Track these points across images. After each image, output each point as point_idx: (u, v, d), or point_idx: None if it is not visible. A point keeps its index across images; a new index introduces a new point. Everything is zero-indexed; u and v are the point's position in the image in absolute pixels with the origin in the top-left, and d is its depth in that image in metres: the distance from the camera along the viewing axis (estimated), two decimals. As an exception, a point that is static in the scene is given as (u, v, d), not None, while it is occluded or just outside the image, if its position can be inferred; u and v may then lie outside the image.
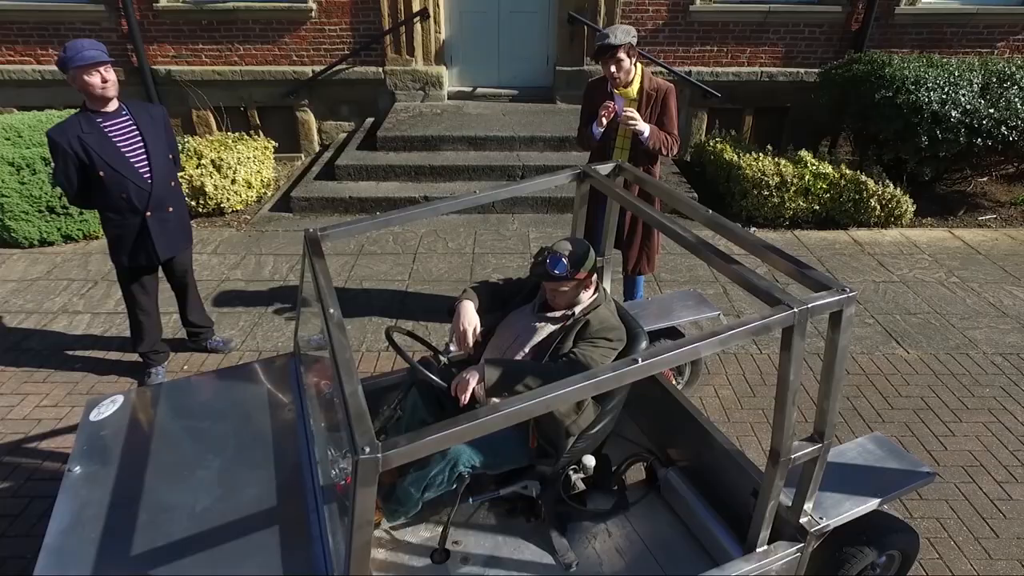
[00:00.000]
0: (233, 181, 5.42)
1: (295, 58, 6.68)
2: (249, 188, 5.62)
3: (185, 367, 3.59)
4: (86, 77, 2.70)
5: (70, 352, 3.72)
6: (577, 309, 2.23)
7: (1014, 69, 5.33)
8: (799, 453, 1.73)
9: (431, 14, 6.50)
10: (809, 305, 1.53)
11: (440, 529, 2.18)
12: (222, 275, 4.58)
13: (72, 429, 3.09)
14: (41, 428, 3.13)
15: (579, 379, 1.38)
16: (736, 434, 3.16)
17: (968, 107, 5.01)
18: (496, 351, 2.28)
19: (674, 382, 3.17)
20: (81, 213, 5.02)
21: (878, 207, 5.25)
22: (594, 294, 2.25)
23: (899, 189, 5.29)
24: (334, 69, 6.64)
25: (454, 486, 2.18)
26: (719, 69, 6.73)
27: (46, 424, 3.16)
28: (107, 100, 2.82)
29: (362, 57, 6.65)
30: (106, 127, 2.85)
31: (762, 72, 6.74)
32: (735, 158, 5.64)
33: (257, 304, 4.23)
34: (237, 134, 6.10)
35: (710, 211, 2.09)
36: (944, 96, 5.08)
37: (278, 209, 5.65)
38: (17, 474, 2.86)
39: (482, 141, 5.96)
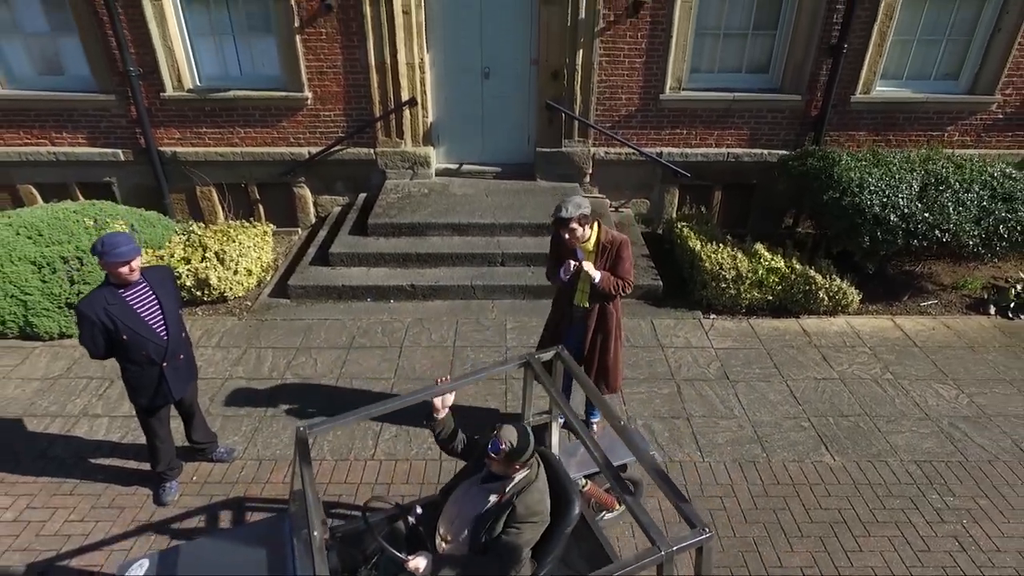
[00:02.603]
0: (235, 272, 5.90)
1: (292, 140, 7.16)
2: (250, 275, 6.10)
3: (194, 478, 4.07)
4: (120, 269, 3.20)
5: (92, 460, 4.20)
6: (514, 480, 2.69)
7: (950, 171, 5.82)
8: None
9: (419, 101, 6.97)
10: (675, 548, 2.01)
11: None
12: (225, 372, 5.07)
13: (97, 546, 3.58)
14: (71, 545, 3.62)
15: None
16: (673, 548, 3.64)
17: (906, 211, 5.49)
18: (447, 520, 2.76)
19: (619, 506, 3.64)
20: (96, 308, 5.51)
21: (826, 298, 5.74)
22: (526, 471, 2.71)
23: (845, 281, 5.78)
24: (329, 151, 7.12)
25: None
26: (688, 150, 7.21)
27: (75, 540, 3.65)
28: (133, 282, 3.32)
29: (355, 140, 7.13)
30: (127, 297, 3.34)
31: (729, 153, 7.22)
32: (698, 246, 6.12)
33: (258, 405, 4.71)
34: (239, 222, 6.58)
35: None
36: (885, 199, 5.56)
37: (277, 295, 6.13)
38: (52, 593, 3.35)
39: (465, 227, 6.44)
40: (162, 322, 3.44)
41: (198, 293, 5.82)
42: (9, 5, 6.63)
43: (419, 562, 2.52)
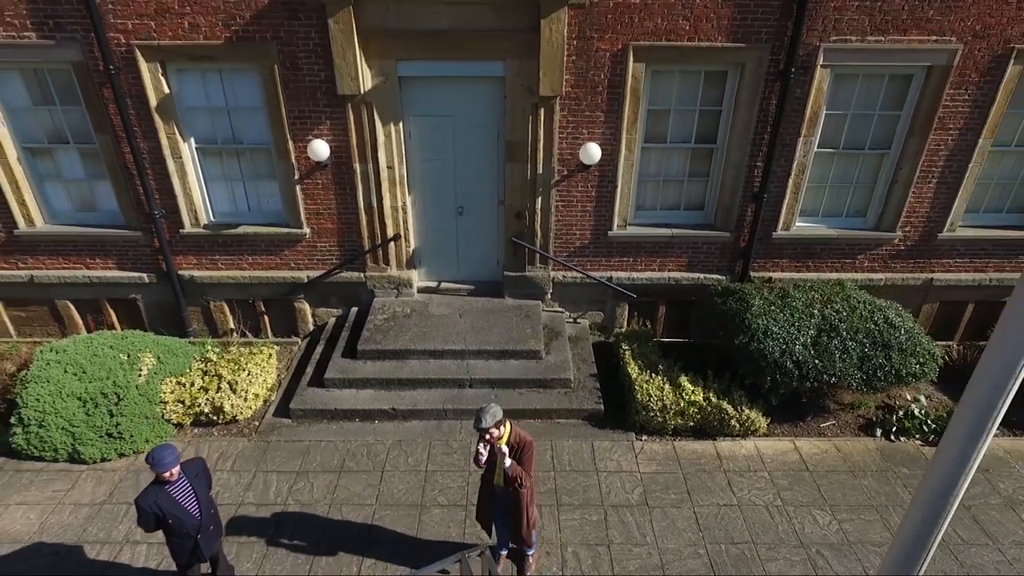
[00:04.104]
0: (245, 399, 7.06)
1: (293, 266, 8.32)
2: (257, 398, 7.26)
3: (216, 604, 5.23)
4: (165, 474, 4.37)
5: (136, 587, 5.37)
6: None
7: (841, 318, 6.96)
8: None
9: (402, 235, 8.13)
10: None
11: None
12: (238, 498, 6.23)
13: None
14: (125, 667, 4.78)
15: None
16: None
17: (799, 358, 6.65)
18: None
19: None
20: (132, 436, 6.67)
21: (737, 425, 6.89)
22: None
23: (755, 410, 6.93)
24: (325, 275, 8.28)
25: None
26: (635, 274, 8.37)
27: (128, 663, 4.81)
28: (175, 480, 4.49)
29: (347, 266, 8.29)
30: (172, 492, 4.50)
31: (670, 277, 8.37)
32: (635, 373, 7.27)
33: (265, 532, 5.87)
34: (247, 349, 7.72)
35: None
36: (784, 347, 6.72)
37: (280, 414, 7.29)
38: None
39: (440, 353, 7.59)
40: (197, 507, 4.60)
41: (214, 418, 6.99)
42: (53, 157, 7.78)
43: None
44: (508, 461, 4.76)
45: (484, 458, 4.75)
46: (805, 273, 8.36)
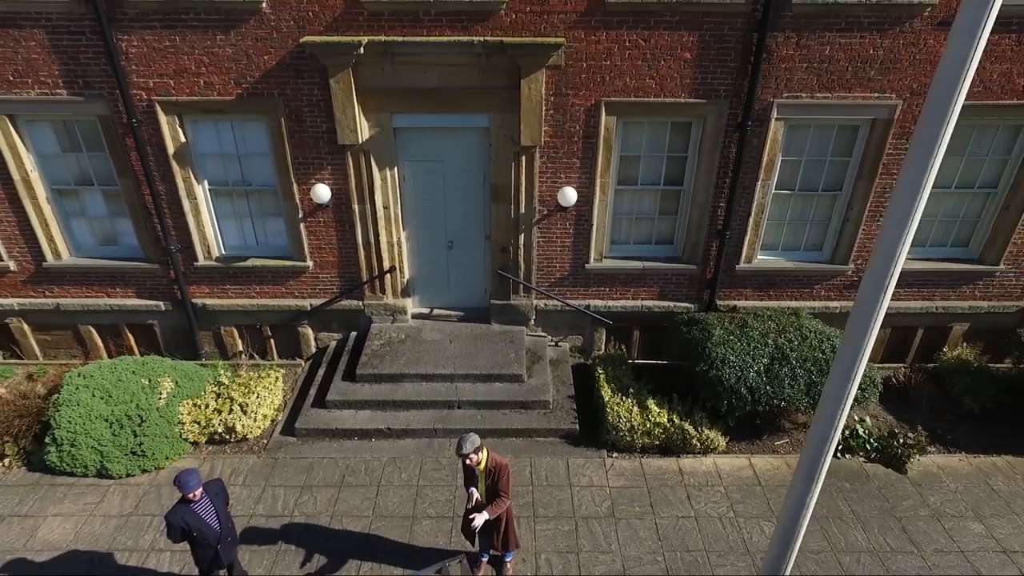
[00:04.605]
0: (255, 420, 7.82)
1: (297, 295, 9.08)
2: (265, 418, 8.01)
3: (232, 605, 5.99)
4: (189, 495, 5.12)
5: (162, 591, 6.13)
6: None
7: (793, 347, 7.72)
8: None
9: (397, 268, 8.89)
10: None
11: None
12: (249, 510, 6.98)
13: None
14: (155, 659, 5.54)
15: None
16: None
17: (752, 384, 7.41)
18: None
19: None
20: (153, 453, 7.43)
21: (698, 444, 7.65)
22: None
23: (714, 430, 7.68)
24: (326, 304, 9.04)
25: None
26: (610, 302, 9.13)
27: (157, 656, 5.56)
28: (198, 499, 5.25)
29: (347, 295, 9.05)
30: (196, 509, 5.26)
31: (643, 305, 9.13)
32: (607, 395, 8.02)
33: (274, 541, 6.62)
34: (256, 373, 8.48)
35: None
36: (739, 374, 7.48)
37: (286, 432, 8.04)
38: None
39: (431, 376, 8.35)
40: (217, 521, 5.36)
41: (227, 436, 7.74)
42: (79, 197, 8.54)
43: None
44: (481, 520, 5.43)
45: (474, 497, 5.48)
46: (767, 301, 9.12)
